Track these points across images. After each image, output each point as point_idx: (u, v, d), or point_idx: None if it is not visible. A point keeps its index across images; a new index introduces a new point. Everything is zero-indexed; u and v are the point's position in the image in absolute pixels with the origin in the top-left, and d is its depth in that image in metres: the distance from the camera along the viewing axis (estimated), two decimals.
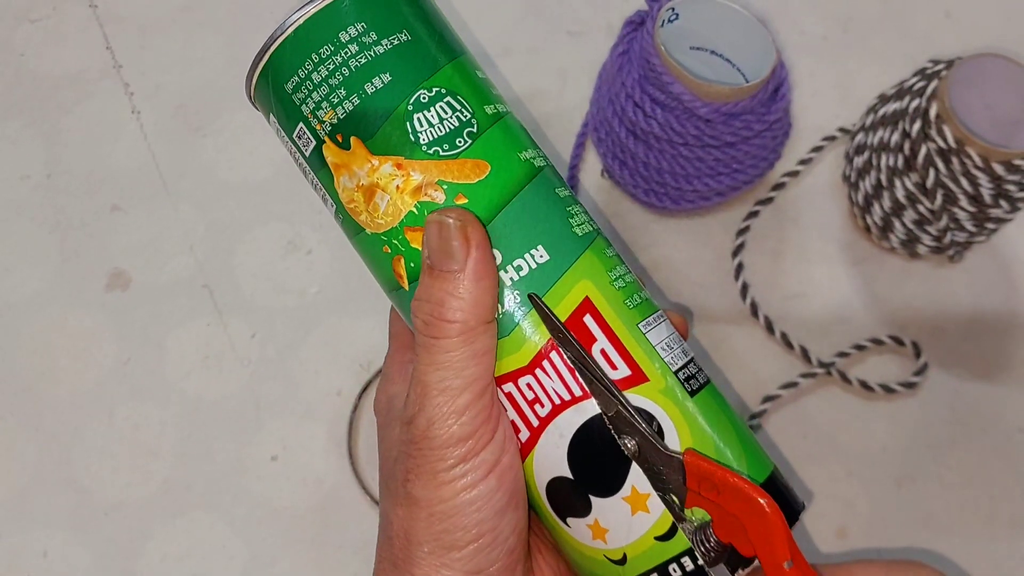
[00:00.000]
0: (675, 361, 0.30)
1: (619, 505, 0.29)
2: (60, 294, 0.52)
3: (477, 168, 0.29)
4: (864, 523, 0.47)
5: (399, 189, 0.29)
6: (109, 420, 0.49)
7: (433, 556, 0.29)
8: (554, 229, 0.30)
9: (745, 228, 0.52)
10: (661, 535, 0.28)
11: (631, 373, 0.29)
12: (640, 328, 0.30)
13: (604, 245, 0.31)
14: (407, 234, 0.30)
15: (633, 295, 0.30)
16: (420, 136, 0.29)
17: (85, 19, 0.58)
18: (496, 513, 0.29)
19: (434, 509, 0.29)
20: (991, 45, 0.57)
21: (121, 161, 0.55)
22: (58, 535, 0.47)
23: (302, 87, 0.30)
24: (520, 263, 0.29)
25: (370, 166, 0.30)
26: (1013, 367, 0.50)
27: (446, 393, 0.28)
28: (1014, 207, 0.45)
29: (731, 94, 0.44)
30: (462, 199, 0.29)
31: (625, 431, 0.29)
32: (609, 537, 0.29)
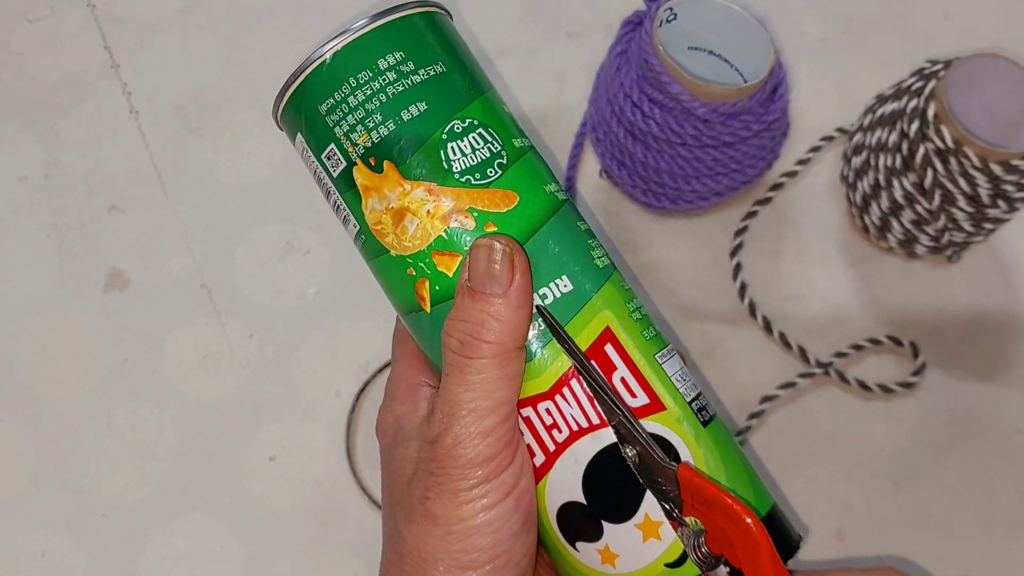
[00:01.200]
0: (688, 392, 0.31)
1: (631, 532, 0.29)
2: (58, 295, 0.52)
3: (507, 198, 0.30)
4: (862, 524, 0.47)
5: (430, 214, 0.30)
6: (107, 421, 0.49)
7: (448, 575, 0.30)
8: (577, 260, 0.31)
9: (743, 228, 0.52)
10: (671, 562, 0.29)
11: (649, 402, 0.30)
12: (657, 359, 0.31)
13: (620, 278, 0.32)
14: (434, 257, 0.31)
15: (648, 327, 0.31)
16: (453, 164, 0.30)
17: (83, 20, 0.58)
18: (512, 535, 0.29)
19: (452, 528, 0.29)
20: (990, 46, 0.57)
21: (119, 162, 0.55)
22: (56, 536, 0.47)
23: (337, 110, 0.31)
24: (545, 292, 0.30)
25: (401, 190, 0.30)
26: (1011, 367, 0.50)
27: (475, 413, 0.29)
28: (1012, 207, 0.45)
29: (729, 94, 0.44)
30: (491, 227, 0.30)
31: (633, 445, 0.29)
32: (619, 562, 0.30)
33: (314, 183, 0.33)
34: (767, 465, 0.48)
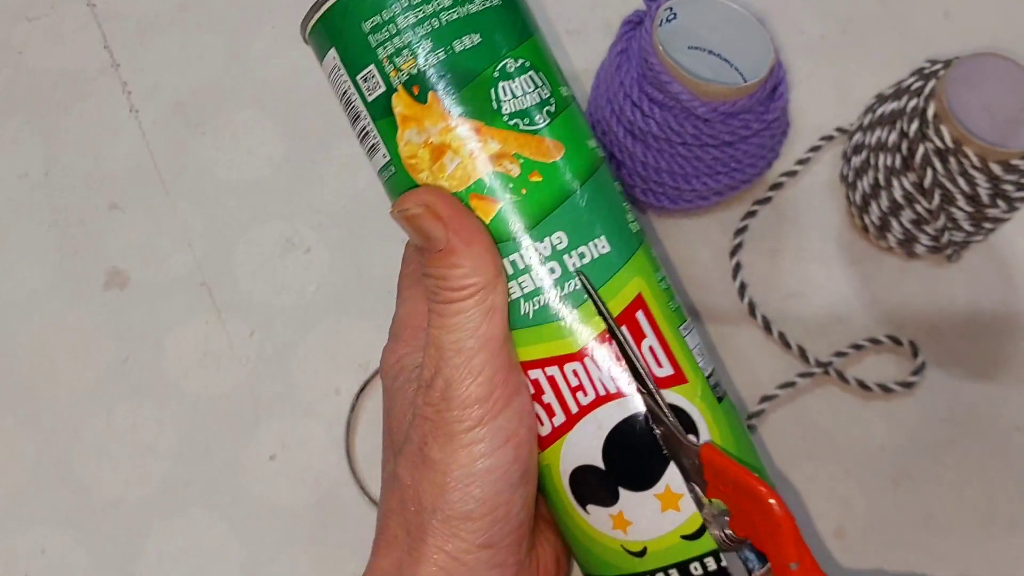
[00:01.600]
0: (706, 368, 0.30)
1: (649, 501, 0.29)
2: (58, 293, 0.52)
3: (555, 148, 0.29)
4: (862, 523, 0.47)
5: (472, 155, 0.29)
6: (107, 419, 0.49)
7: (446, 525, 0.29)
8: (615, 222, 0.30)
9: (743, 228, 0.52)
10: (689, 534, 0.29)
11: (674, 373, 0.29)
12: (681, 331, 0.30)
13: (650, 246, 0.31)
14: (472, 201, 0.29)
15: (673, 299, 0.31)
16: (503, 105, 0.29)
17: (83, 17, 0.58)
18: (511, 486, 0.29)
19: (451, 475, 0.29)
20: (990, 45, 0.57)
21: (119, 160, 0.55)
22: (56, 533, 0.47)
23: (383, 29, 0.29)
24: (584, 250, 0.29)
25: (444, 125, 0.29)
26: (1011, 366, 0.50)
27: (462, 354, 0.29)
28: (1012, 207, 0.45)
29: (729, 93, 0.44)
30: (536, 176, 0.29)
31: (656, 423, 0.29)
32: (631, 529, 0.29)
33: (339, 108, 0.32)
34: (766, 463, 0.48)
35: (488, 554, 0.29)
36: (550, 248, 0.29)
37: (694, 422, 0.29)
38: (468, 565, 0.29)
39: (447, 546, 0.29)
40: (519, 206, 0.29)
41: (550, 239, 0.29)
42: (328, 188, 0.54)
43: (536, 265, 0.29)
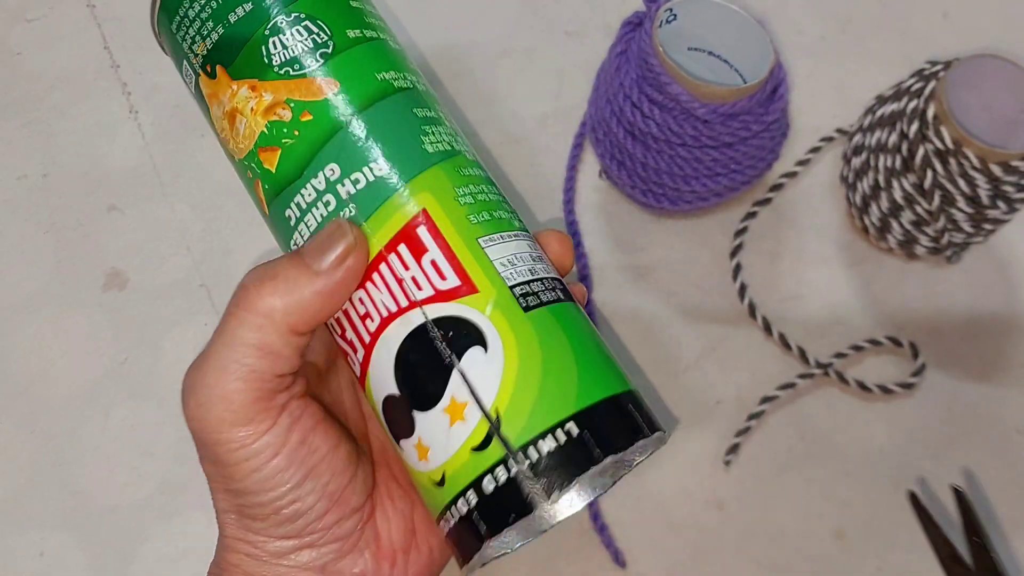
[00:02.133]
0: (514, 277, 0.29)
1: (439, 418, 0.28)
2: (56, 294, 0.52)
3: (325, 86, 0.30)
4: (861, 524, 0.47)
5: (253, 111, 0.30)
6: (105, 421, 0.49)
7: (240, 521, 0.29)
8: (400, 144, 0.30)
9: (743, 229, 0.52)
10: (477, 445, 0.27)
11: (460, 284, 0.28)
12: (480, 243, 0.29)
13: (464, 164, 0.31)
14: (260, 155, 0.30)
15: (482, 212, 0.30)
16: (273, 58, 0.30)
17: (82, 18, 0.58)
18: (292, 488, 0.29)
19: (228, 486, 0.29)
20: (989, 46, 0.57)
21: (118, 161, 0.55)
22: (54, 536, 0.47)
23: (182, 25, 0.32)
24: (357, 176, 0.29)
25: (231, 91, 0.31)
26: (1011, 368, 0.50)
27: (221, 375, 0.28)
28: (1011, 208, 0.45)
29: (729, 95, 0.44)
30: (307, 116, 0.30)
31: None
32: (431, 455, 0.28)
33: None
34: (766, 464, 0.48)
35: (291, 542, 0.30)
36: (324, 181, 0.30)
37: (481, 332, 0.28)
38: (271, 552, 0.30)
39: (246, 537, 0.29)
40: (294, 148, 0.30)
41: (323, 172, 0.30)
42: None
43: (315, 201, 0.30)
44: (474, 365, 0.28)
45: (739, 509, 0.47)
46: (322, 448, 0.30)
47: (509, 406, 0.27)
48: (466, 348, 0.28)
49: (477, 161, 0.32)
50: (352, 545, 0.31)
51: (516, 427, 0.27)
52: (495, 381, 0.27)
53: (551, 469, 0.27)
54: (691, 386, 0.49)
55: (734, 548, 0.47)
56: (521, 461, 0.27)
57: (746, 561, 0.46)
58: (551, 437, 0.27)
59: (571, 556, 0.46)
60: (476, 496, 0.28)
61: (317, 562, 0.30)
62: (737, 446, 0.48)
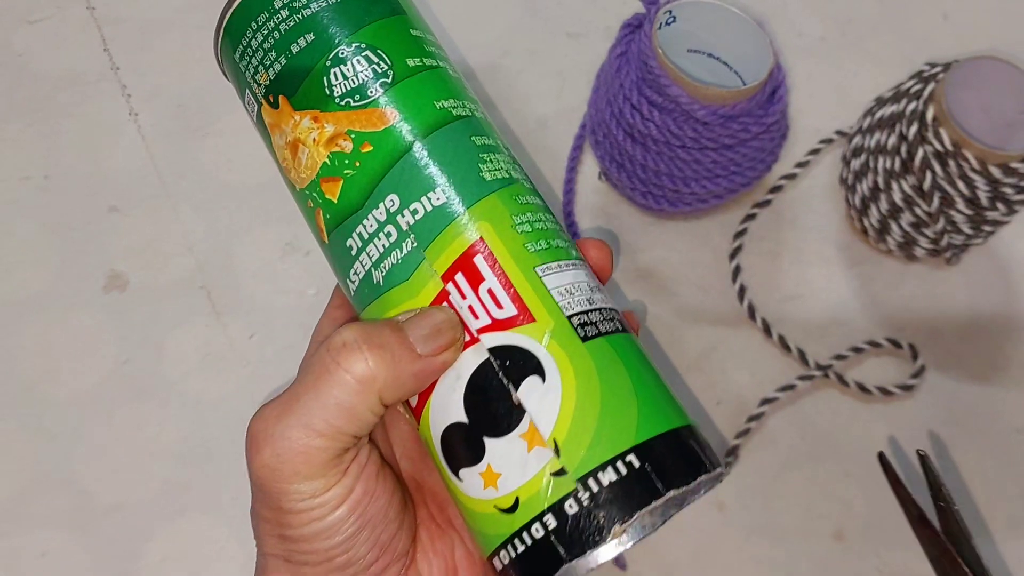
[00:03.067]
0: (571, 306, 0.29)
1: (515, 443, 0.28)
2: (59, 295, 0.52)
3: (385, 116, 0.30)
4: (862, 524, 0.47)
5: (315, 142, 0.30)
6: (108, 421, 0.49)
7: (287, 566, 0.29)
8: (458, 173, 0.30)
9: (743, 230, 0.52)
10: (557, 470, 0.27)
11: (516, 314, 0.28)
12: (537, 272, 0.29)
13: (522, 192, 0.31)
14: (322, 185, 0.31)
15: (539, 241, 0.30)
16: (334, 89, 0.30)
17: (83, 21, 0.58)
18: (348, 538, 0.28)
19: (283, 532, 0.28)
20: (988, 48, 0.57)
21: (119, 162, 0.55)
22: (57, 536, 0.47)
23: (245, 54, 0.32)
24: (416, 207, 0.29)
25: (293, 122, 0.31)
26: (1010, 369, 0.50)
27: (306, 430, 0.27)
28: (1011, 209, 0.45)
29: (728, 96, 0.44)
30: (368, 147, 0.30)
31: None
32: (501, 482, 0.28)
33: None
34: (766, 466, 0.48)
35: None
36: (385, 212, 0.30)
37: (539, 362, 0.28)
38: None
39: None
40: (355, 179, 0.30)
41: (384, 203, 0.30)
42: None
43: (377, 231, 0.30)
44: (532, 393, 0.28)
45: (739, 510, 0.47)
46: (382, 497, 0.30)
47: (568, 437, 0.27)
48: (524, 376, 0.28)
49: (534, 189, 0.32)
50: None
51: (575, 459, 0.27)
52: (554, 411, 0.27)
53: (611, 501, 0.27)
54: (691, 387, 0.50)
55: (734, 549, 0.47)
56: (582, 492, 0.27)
57: (746, 562, 0.47)
58: (611, 469, 0.27)
59: None
60: (556, 520, 0.27)
61: None
62: (737, 447, 0.48)
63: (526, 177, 0.32)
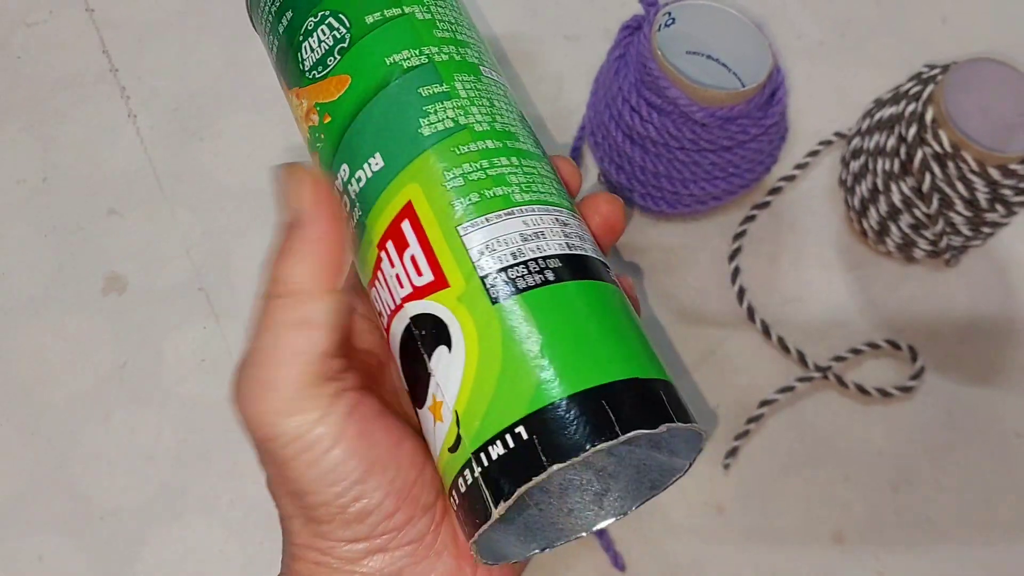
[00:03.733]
0: (489, 265, 0.27)
1: (427, 416, 0.27)
2: (56, 298, 0.52)
3: (339, 83, 0.29)
4: (861, 527, 0.47)
5: (300, 119, 0.31)
6: (106, 424, 0.49)
7: (307, 527, 0.28)
8: (395, 133, 0.28)
9: (742, 232, 0.52)
10: (451, 446, 0.26)
11: (433, 279, 0.27)
12: (459, 231, 0.27)
13: (469, 138, 0.28)
14: (312, 158, 0.31)
15: (471, 194, 0.28)
16: (304, 63, 0.30)
17: (82, 23, 0.58)
18: (355, 483, 0.27)
19: (288, 488, 0.28)
20: (987, 50, 0.57)
21: (117, 165, 0.55)
22: (54, 540, 0.47)
23: (262, 33, 0.33)
24: (360, 174, 0.29)
25: (291, 100, 0.31)
26: (1010, 371, 0.50)
27: (262, 367, 0.27)
28: (1010, 211, 0.45)
29: (727, 98, 0.44)
30: (328, 118, 0.29)
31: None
32: (432, 449, 0.28)
33: None
34: (765, 468, 0.48)
35: (361, 545, 0.28)
36: (341, 183, 0.29)
37: (447, 330, 0.27)
38: (342, 558, 0.28)
39: (314, 544, 0.28)
40: (323, 151, 0.30)
41: (339, 174, 0.29)
42: None
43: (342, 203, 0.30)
44: (440, 364, 0.27)
45: (738, 512, 0.47)
46: (383, 442, 0.28)
47: (467, 408, 0.26)
48: (436, 346, 0.27)
49: (493, 128, 0.29)
50: (428, 548, 0.29)
51: (471, 430, 0.26)
52: (456, 381, 0.26)
53: (498, 477, 0.25)
54: (690, 389, 0.49)
55: (734, 551, 0.47)
56: (475, 466, 0.26)
57: (745, 564, 0.46)
58: (499, 442, 0.25)
59: (570, 560, 0.46)
60: (456, 495, 0.27)
61: (391, 567, 0.28)
62: (736, 449, 0.48)
63: (490, 113, 0.30)
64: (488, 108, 0.30)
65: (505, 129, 0.30)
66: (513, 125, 0.30)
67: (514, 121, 0.30)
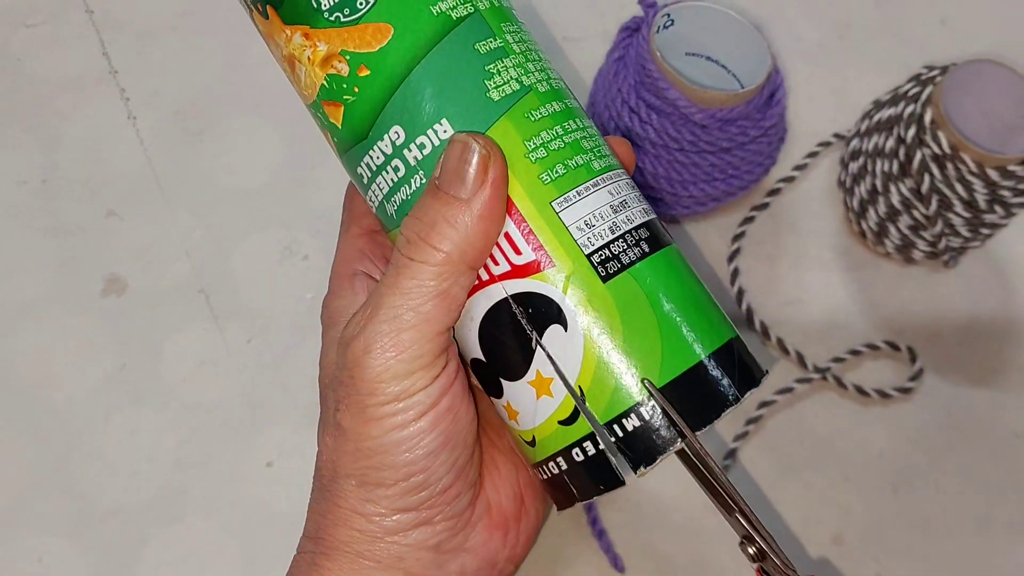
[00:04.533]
0: (592, 242, 0.27)
1: (525, 389, 0.28)
2: (56, 299, 0.52)
3: (379, 33, 0.27)
4: (860, 529, 0.47)
5: (310, 60, 0.28)
6: (105, 425, 0.49)
7: (360, 490, 0.28)
8: (464, 97, 0.27)
9: (741, 233, 0.52)
10: (564, 419, 0.28)
11: (535, 259, 0.27)
12: (554, 206, 0.27)
13: (536, 103, 0.28)
14: (325, 108, 0.29)
15: (556, 166, 0.28)
16: (322, 2, 0.27)
17: (82, 24, 0.58)
18: (428, 455, 0.28)
19: (361, 444, 0.28)
20: (986, 52, 0.57)
21: (117, 166, 0.55)
22: (54, 541, 0.47)
23: None
24: (423, 140, 0.27)
25: (285, 36, 0.28)
26: (1009, 372, 0.50)
27: (394, 322, 0.27)
28: (1008, 212, 0.45)
29: (727, 99, 0.44)
30: (364, 70, 0.27)
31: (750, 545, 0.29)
32: (520, 419, 0.29)
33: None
34: (764, 469, 0.48)
35: (409, 516, 0.29)
36: (391, 145, 0.28)
37: (560, 309, 0.27)
38: (386, 528, 0.29)
39: (363, 509, 0.28)
40: (356, 106, 0.28)
41: (388, 135, 0.28)
42: (326, 195, 0.54)
43: (384, 164, 0.28)
44: (555, 342, 0.27)
45: None
46: (464, 419, 0.29)
47: (592, 384, 0.27)
48: (547, 325, 0.27)
49: (551, 87, 0.29)
50: (465, 521, 0.30)
51: (600, 405, 0.27)
52: (577, 359, 0.27)
53: (637, 445, 0.27)
54: None
55: (733, 553, 0.47)
56: (606, 437, 0.27)
57: (744, 566, 0.46)
58: (634, 415, 0.27)
59: (569, 561, 0.46)
60: (566, 463, 0.28)
61: (431, 540, 0.29)
62: (735, 451, 0.48)
63: (540, 69, 0.29)
64: (537, 63, 0.30)
65: (559, 87, 0.30)
66: (556, 78, 0.30)
67: (555, 73, 0.30)
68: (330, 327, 0.32)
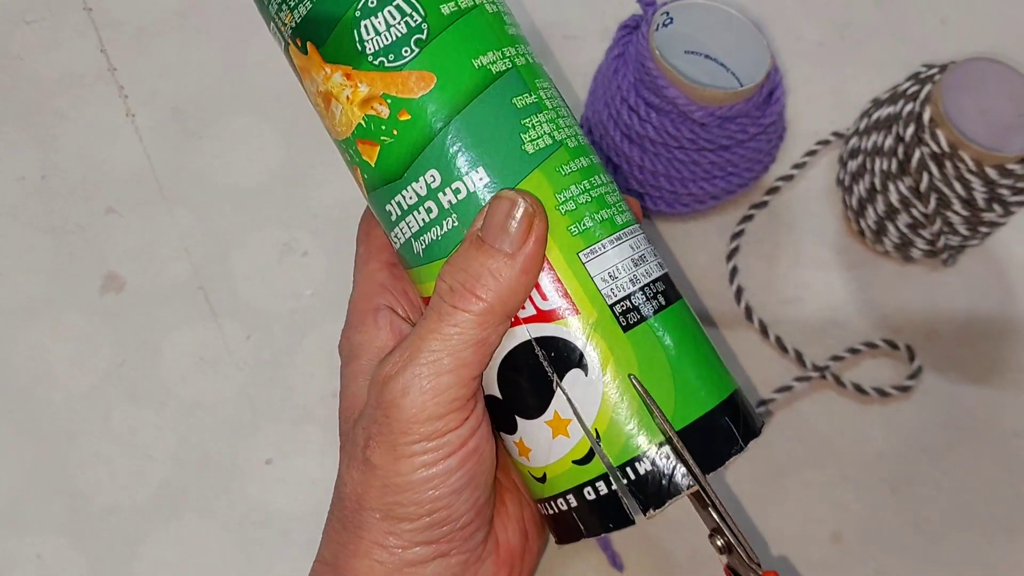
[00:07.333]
0: (614, 293, 0.29)
1: (541, 428, 0.29)
2: (55, 297, 0.52)
3: (421, 81, 0.28)
4: (859, 528, 0.47)
5: (349, 100, 0.29)
6: (104, 423, 0.49)
7: (384, 523, 0.29)
8: (500, 149, 0.29)
9: (739, 232, 0.52)
10: (579, 459, 0.29)
11: (561, 305, 0.29)
12: (580, 257, 0.29)
13: (567, 158, 0.30)
14: (359, 146, 0.30)
15: (583, 219, 0.29)
16: (367, 45, 0.29)
17: (80, 22, 0.58)
18: (453, 492, 0.29)
19: (390, 480, 0.29)
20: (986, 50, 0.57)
21: (116, 164, 0.55)
22: (53, 539, 0.47)
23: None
24: (459, 186, 0.29)
25: (324, 74, 0.29)
26: (1008, 371, 0.50)
27: (433, 366, 0.28)
28: (1007, 211, 0.45)
29: (726, 98, 0.44)
30: (405, 115, 0.29)
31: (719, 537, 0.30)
32: (532, 456, 0.30)
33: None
34: (763, 469, 0.48)
35: (428, 549, 0.30)
36: (425, 187, 0.29)
37: (581, 355, 0.28)
38: (406, 560, 0.30)
39: (384, 541, 0.29)
40: (393, 147, 0.29)
41: (424, 178, 0.29)
42: (325, 193, 0.54)
43: (416, 205, 0.29)
44: (576, 386, 0.29)
45: (736, 513, 0.47)
46: (488, 459, 0.30)
47: (609, 428, 0.28)
48: (568, 369, 0.29)
49: (579, 143, 0.31)
50: (477, 555, 0.31)
51: (615, 448, 0.28)
52: (596, 403, 0.28)
53: (648, 489, 0.28)
54: None
55: None
56: (619, 480, 0.28)
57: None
58: (646, 459, 0.28)
59: (568, 559, 0.46)
60: (576, 500, 0.29)
61: (446, 572, 0.30)
62: None
63: (570, 125, 0.31)
64: (567, 119, 0.31)
65: (585, 143, 0.31)
66: (582, 135, 0.32)
67: (580, 130, 0.32)
68: (351, 360, 0.33)
